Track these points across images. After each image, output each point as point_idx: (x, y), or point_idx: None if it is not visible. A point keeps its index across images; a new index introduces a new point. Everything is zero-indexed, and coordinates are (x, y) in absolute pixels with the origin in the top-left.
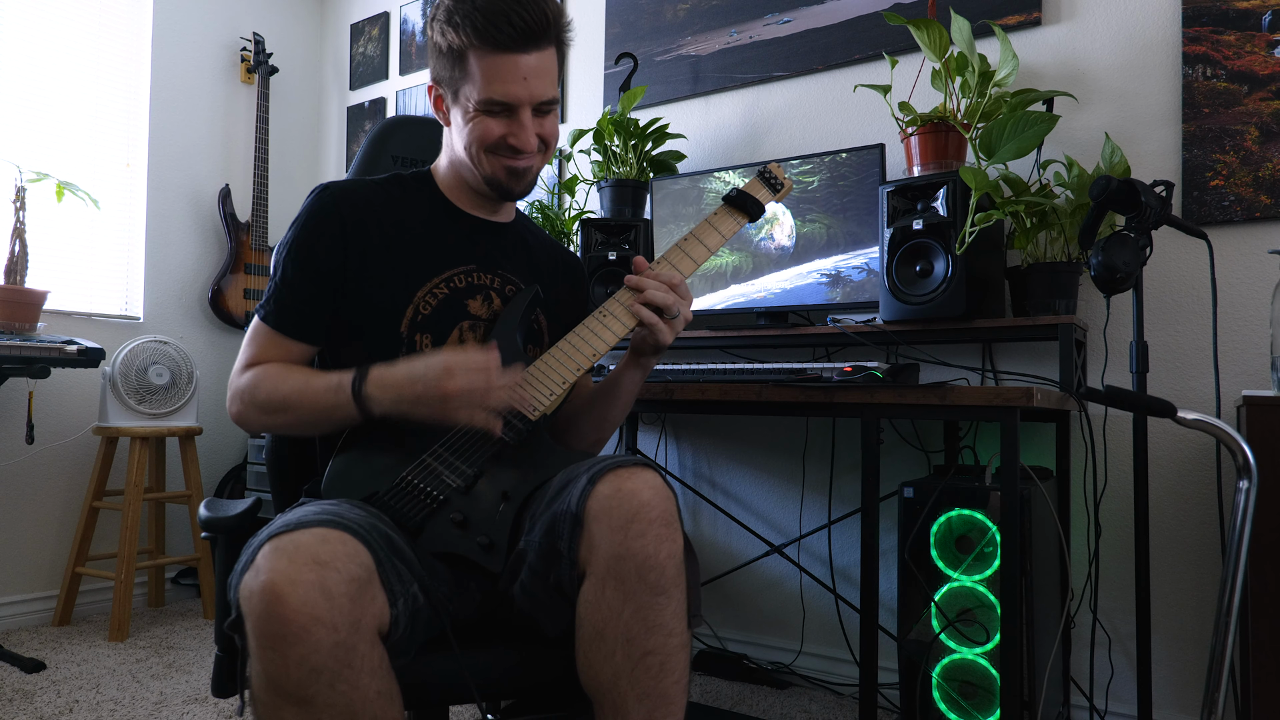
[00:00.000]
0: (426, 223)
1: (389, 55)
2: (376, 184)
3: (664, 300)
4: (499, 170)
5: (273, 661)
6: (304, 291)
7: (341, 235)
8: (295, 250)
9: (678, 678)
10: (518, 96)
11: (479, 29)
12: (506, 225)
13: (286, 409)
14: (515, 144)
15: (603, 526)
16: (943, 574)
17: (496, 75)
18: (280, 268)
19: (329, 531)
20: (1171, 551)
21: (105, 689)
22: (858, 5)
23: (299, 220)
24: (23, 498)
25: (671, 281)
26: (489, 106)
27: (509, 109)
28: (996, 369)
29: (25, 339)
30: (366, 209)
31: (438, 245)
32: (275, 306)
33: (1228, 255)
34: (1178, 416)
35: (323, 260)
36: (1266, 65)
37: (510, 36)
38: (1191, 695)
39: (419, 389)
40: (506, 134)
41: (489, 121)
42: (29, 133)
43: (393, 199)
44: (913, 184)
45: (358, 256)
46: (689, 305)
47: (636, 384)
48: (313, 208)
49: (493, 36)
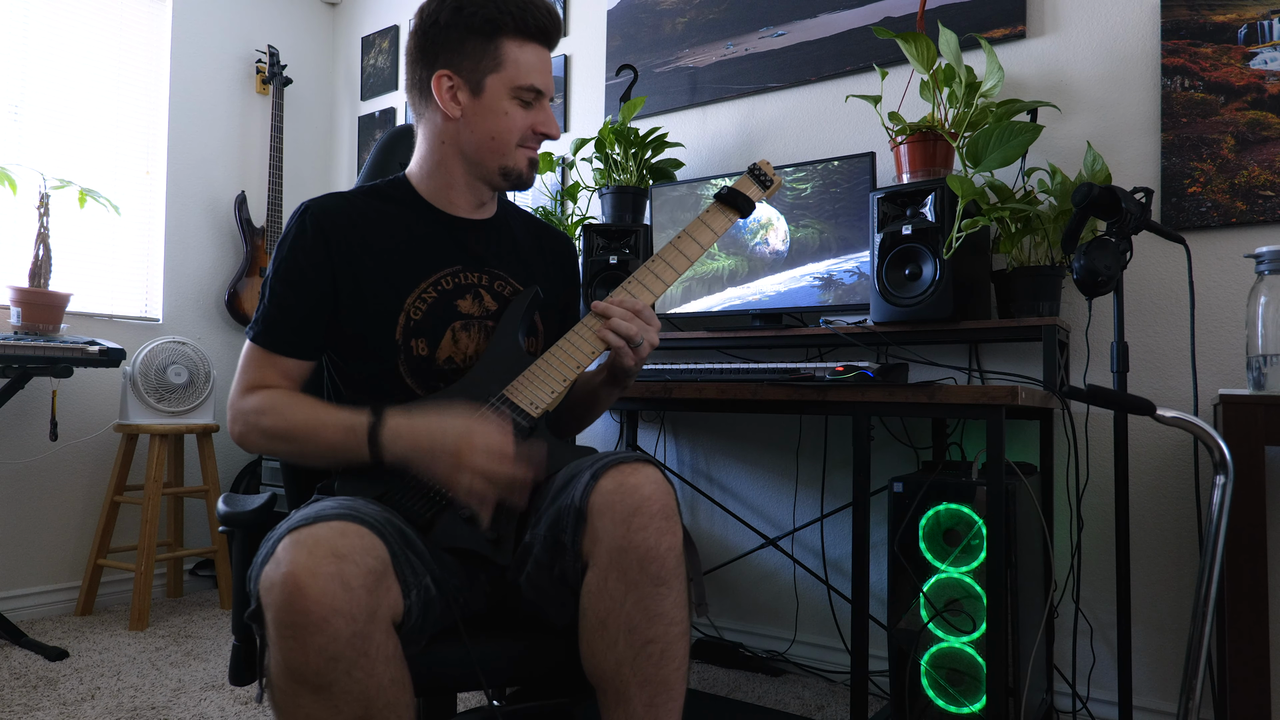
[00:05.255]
0: (409, 229)
1: (399, 67)
2: (356, 196)
3: (627, 330)
4: (522, 162)
5: (292, 650)
6: (293, 309)
7: (326, 252)
8: (282, 271)
9: (678, 665)
10: (549, 85)
11: (515, 15)
12: (489, 220)
13: (293, 439)
14: (546, 130)
15: (606, 520)
16: (931, 566)
17: (533, 64)
18: (269, 288)
19: (347, 525)
20: (1151, 544)
21: (126, 676)
22: (849, 19)
23: (284, 242)
24: (47, 492)
25: (634, 309)
26: (523, 94)
27: (540, 96)
28: (983, 369)
29: (49, 340)
30: (348, 223)
31: (422, 250)
32: (265, 326)
33: (1205, 259)
34: (1157, 414)
35: (311, 279)
36: (1242, 77)
37: (540, 28)
38: (1170, 682)
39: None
40: (534, 123)
41: (519, 112)
42: (53, 141)
43: (373, 210)
44: (902, 191)
45: (345, 271)
46: (655, 330)
47: (613, 398)
48: (296, 228)
49: (527, 25)
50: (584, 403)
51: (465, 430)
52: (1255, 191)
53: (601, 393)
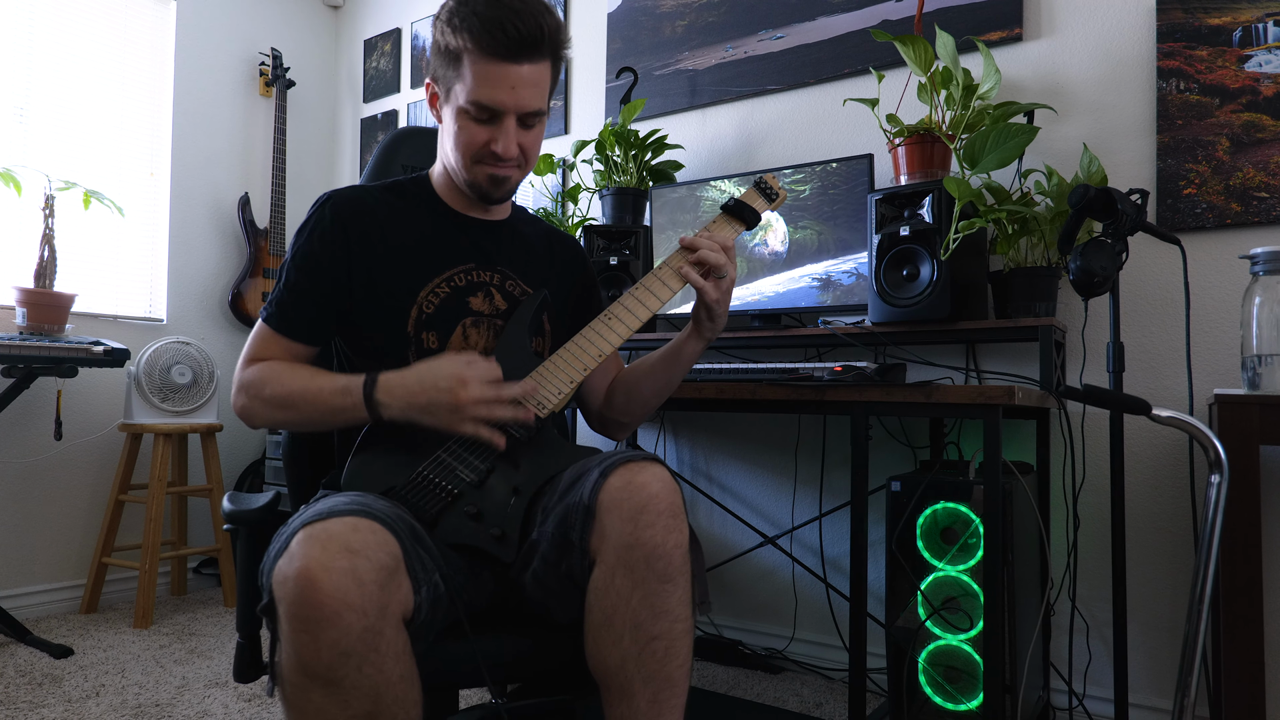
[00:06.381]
0: (425, 225)
1: (401, 69)
2: (377, 191)
3: (716, 260)
4: (481, 176)
5: (304, 644)
6: (307, 296)
7: (345, 242)
8: (300, 258)
9: (681, 662)
10: (504, 104)
11: (475, 34)
12: (502, 222)
13: (292, 406)
14: (497, 150)
15: (613, 517)
16: (928, 564)
17: (486, 80)
18: (285, 273)
19: (360, 520)
20: (1146, 543)
21: (130, 673)
22: (847, 22)
23: (304, 228)
24: (52, 491)
25: (724, 244)
26: (476, 110)
27: (495, 115)
28: (980, 369)
29: (54, 340)
30: (368, 216)
31: (437, 246)
32: (278, 310)
33: (1200, 260)
34: (1152, 414)
35: (327, 267)
36: (1237, 79)
37: (505, 45)
38: (1165, 679)
39: (429, 396)
40: (490, 140)
41: (474, 127)
42: (58, 143)
43: (392, 205)
44: (900, 192)
45: (362, 262)
46: (734, 270)
47: (697, 354)
48: (317, 216)
49: (488, 43)
50: (669, 365)
51: (454, 372)
52: (1250, 193)
53: (686, 349)
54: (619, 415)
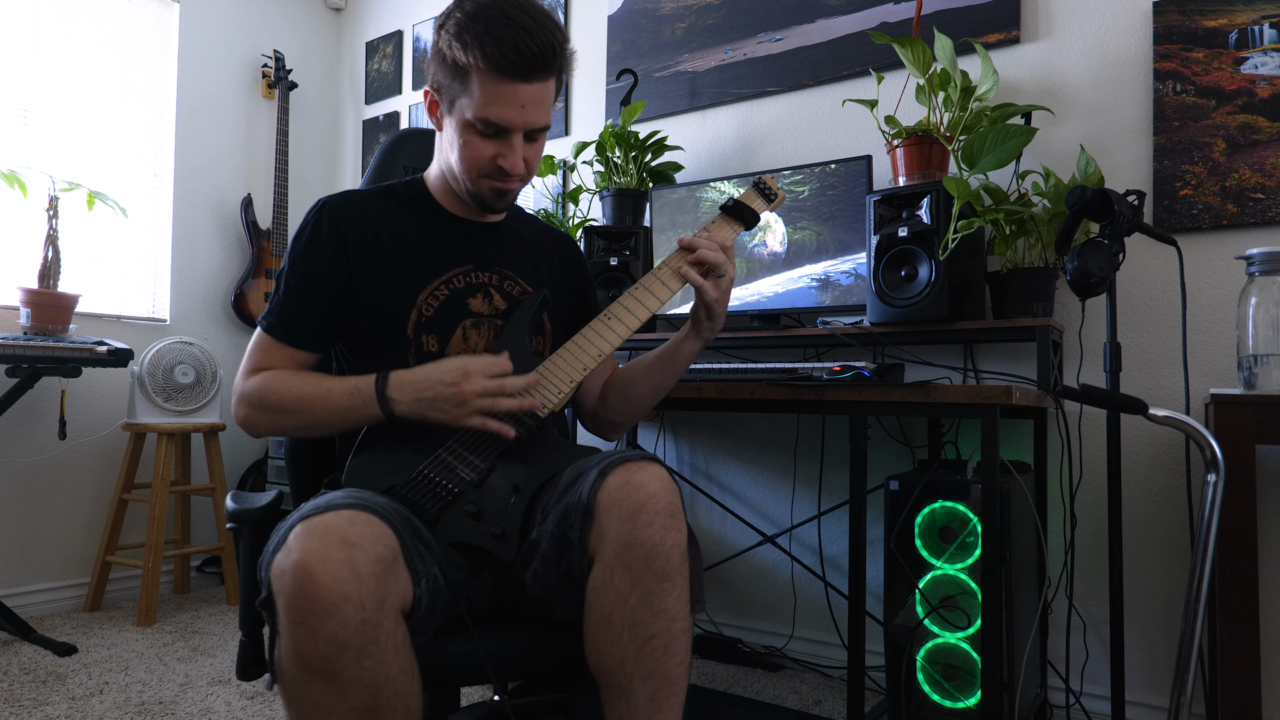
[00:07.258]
0: (422, 228)
1: (402, 71)
2: (372, 195)
3: (715, 259)
4: (486, 189)
5: (303, 637)
6: (307, 302)
7: (343, 247)
8: (298, 264)
9: (680, 659)
10: (512, 122)
11: (488, 54)
12: (498, 224)
13: (300, 410)
14: (505, 166)
15: (612, 516)
16: (926, 563)
17: (496, 99)
18: (284, 281)
19: (357, 514)
20: (1143, 541)
21: (134, 671)
22: (846, 24)
23: (301, 236)
24: (56, 491)
25: (723, 243)
26: (483, 126)
27: (502, 131)
28: (977, 368)
29: (58, 340)
30: (364, 220)
31: (434, 249)
32: (278, 318)
33: (1196, 261)
34: (1149, 414)
35: (326, 273)
36: (1233, 81)
37: (516, 65)
38: (1162, 677)
39: (435, 390)
40: (496, 155)
41: (480, 142)
42: (62, 145)
43: (388, 209)
44: (898, 193)
45: (360, 266)
46: (733, 269)
47: (694, 354)
48: (313, 223)
49: (500, 63)
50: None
51: (458, 365)
52: (1246, 194)
53: (683, 349)
54: (613, 415)
